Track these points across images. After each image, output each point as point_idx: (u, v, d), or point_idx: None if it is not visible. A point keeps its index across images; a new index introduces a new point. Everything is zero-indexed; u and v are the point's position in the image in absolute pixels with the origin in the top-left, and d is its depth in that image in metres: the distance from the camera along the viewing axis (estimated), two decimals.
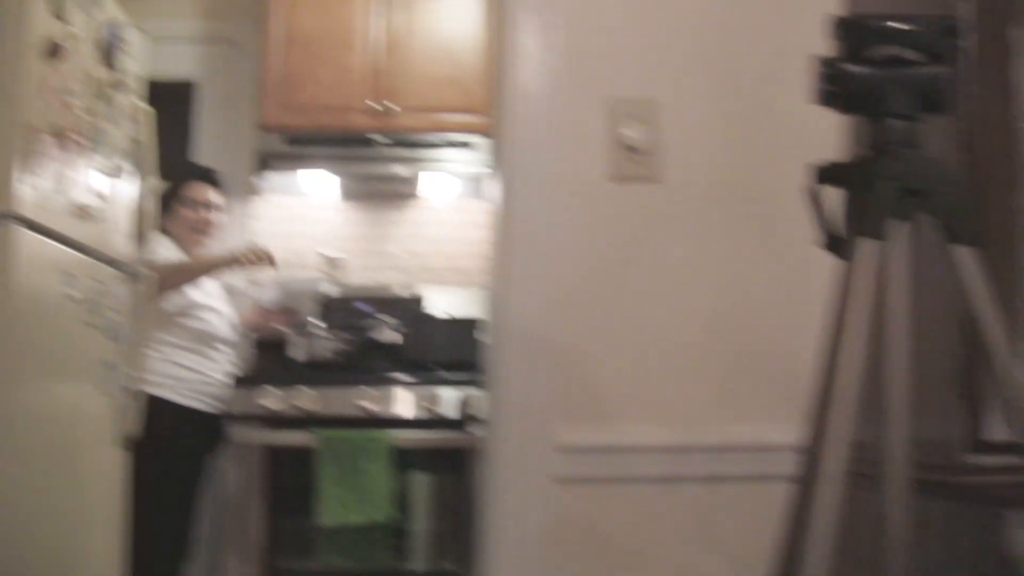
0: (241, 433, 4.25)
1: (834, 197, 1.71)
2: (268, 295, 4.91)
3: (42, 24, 2.90)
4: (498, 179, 2.56)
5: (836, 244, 1.68)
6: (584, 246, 2.52)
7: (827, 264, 1.72)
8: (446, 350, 4.63)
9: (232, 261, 4.42)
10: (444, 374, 4.43)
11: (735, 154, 2.58)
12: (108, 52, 3.42)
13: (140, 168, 3.78)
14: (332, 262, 5.13)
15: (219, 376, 4.37)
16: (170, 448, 4.24)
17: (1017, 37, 2.25)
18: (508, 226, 2.47)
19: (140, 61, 3.83)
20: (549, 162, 2.48)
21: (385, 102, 4.84)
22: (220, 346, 4.50)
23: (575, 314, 2.50)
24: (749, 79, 2.60)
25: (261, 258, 4.44)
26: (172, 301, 4.32)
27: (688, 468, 2.51)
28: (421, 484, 4.40)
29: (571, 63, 2.53)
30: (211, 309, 4.49)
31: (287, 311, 4.96)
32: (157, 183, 3.88)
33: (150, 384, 4.17)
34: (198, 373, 4.34)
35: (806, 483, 1.65)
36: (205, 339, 4.44)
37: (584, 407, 2.50)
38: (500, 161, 2.54)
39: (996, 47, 2.21)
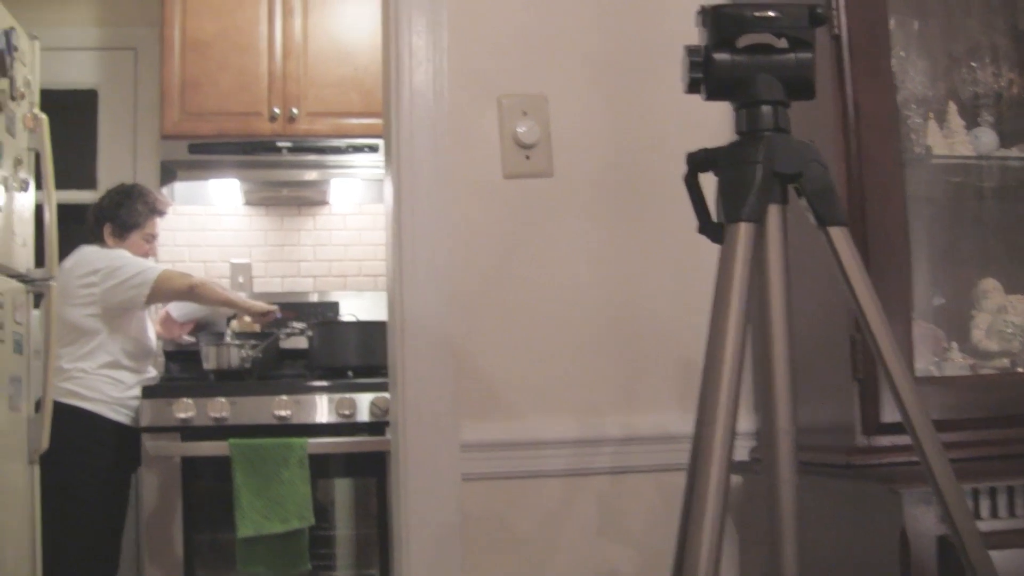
0: (156, 445, 4.21)
1: (711, 184, 1.73)
2: (178, 308, 4.88)
3: None
4: (390, 179, 2.57)
5: (713, 229, 1.70)
6: (479, 243, 2.52)
7: (714, 251, 1.74)
8: (357, 354, 4.63)
9: (248, 310, 4.59)
10: (356, 379, 4.42)
11: (622, 146, 2.59)
12: (1, 61, 3.38)
13: (39, 178, 3.75)
14: (240, 269, 5.11)
15: (139, 389, 4.35)
16: (96, 462, 4.22)
17: (890, 25, 2.30)
18: (401, 226, 2.47)
19: (35, 69, 3.80)
20: (441, 161, 2.49)
21: (287, 107, 4.83)
22: (152, 360, 4.52)
23: (473, 311, 2.50)
24: (631, 70, 2.62)
25: (268, 317, 4.66)
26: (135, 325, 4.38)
27: (592, 461, 2.52)
28: (340, 490, 4.40)
29: (460, 62, 2.53)
30: (147, 322, 4.52)
31: (196, 323, 4.94)
32: (57, 193, 3.85)
33: (82, 399, 4.17)
34: (131, 388, 4.33)
35: (694, 471, 1.66)
36: (146, 355, 4.46)
37: (486, 404, 2.50)
38: (391, 161, 2.54)
39: (871, 34, 2.25)
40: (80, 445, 4.14)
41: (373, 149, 4.83)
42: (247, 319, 4.74)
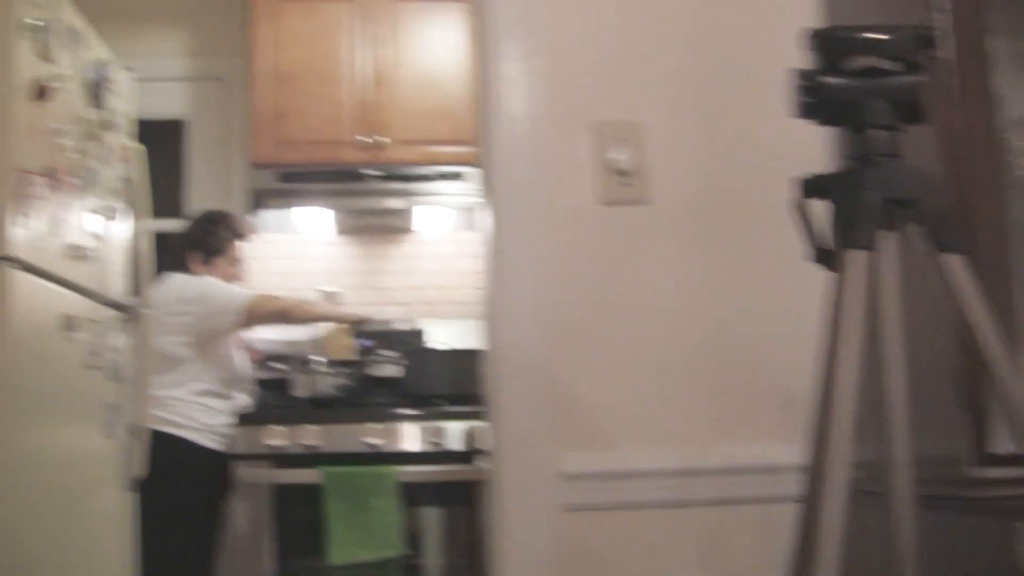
0: (248, 472, 4.23)
1: (821, 210, 1.70)
2: (265, 342, 4.90)
3: (29, 66, 2.91)
4: (487, 208, 2.56)
5: (825, 257, 1.68)
6: (575, 270, 2.50)
7: (820, 278, 1.71)
8: (448, 382, 4.62)
9: (344, 319, 4.62)
10: (447, 407, 4.41)
11: (720, 172, 2.57)
12: (96, 92, 3.43)
13: (133, 207, 3.78)
14: (329, 298, 5.12)
15: (231, 416, 4.37)
16: (190, 489, 4.25)
17: (994, 47, 2.25)
18: (499, 254, 2.46)
19: (128, 100, 3.84)
20: (537, 188, 2.48)
21: (375, 136, 4.85)
22: (243, 386, 4.54)
23: (570, 339, 2.48)
24: (730, 96, 2.59)
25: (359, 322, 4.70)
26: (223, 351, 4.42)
27: (693, 492, 2.48)
28: (430, 518, 4.38)
29: (555, 88, 2.53)
30: (237, 349, 4.55)
31: (280, 358, 4.95)
32: (151, 222, 3.88)
33: (175, 426, 4.21)
34: (223, 415, 4.35)
35: (810, 502, 1.63)
36: (236, 381, 4.48)
37: (585, 433, 2.47)
38: (488, 190, 2.53)
39: (974, 56, 2.21)
40: (173, 472, 4.15)
41: (461, 177, 4.83)
42: (340, 341, 4.74)
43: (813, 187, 1.70)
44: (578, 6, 2.59)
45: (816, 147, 2.38)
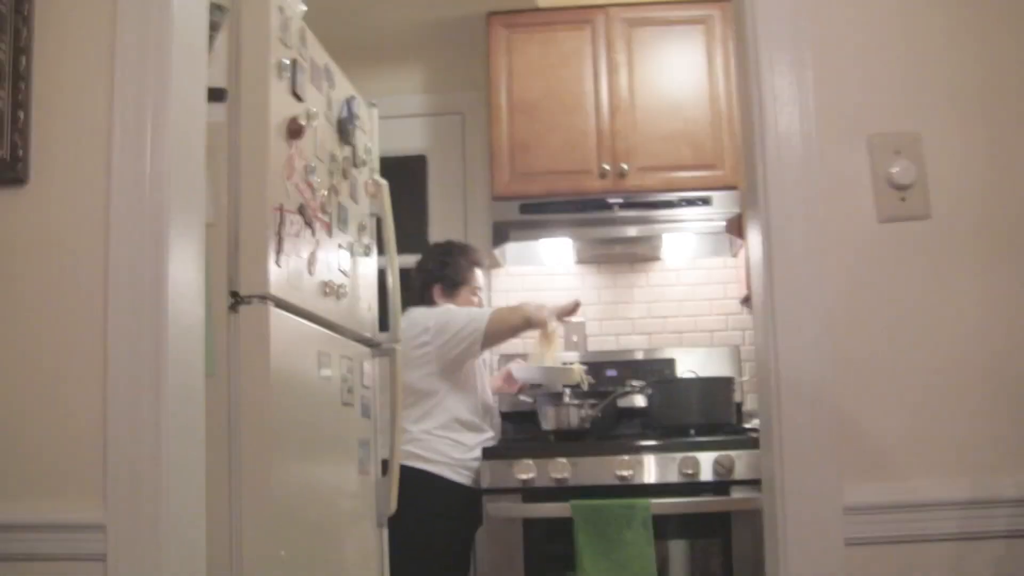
0: (497, 507, 4.19)
1: None
2: (521, 370, 4.88)
3: (282, 104, 2.93)
4: (754, 227, 2.45)
5: None
6: (854, 291, 2.38)
7: None
8: (697, 412, 4.51)
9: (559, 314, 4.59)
10: (699, 437, 4.31)
11: (1005, 184, 2.41)
12: (344, 129, 3.44)
13: (380, 243, 3.80)
14: (574, 329, 5.07)
15: (479, 450, 4.35)
16: (440, 523, 4.28)
17: None
18: (770, 275, 2.36)
19: (374, 136, 3.86)
20: (810, 206, 2.36)
21: (617, 163, 4.80)
22: (490, 418, 4.54)
23: (848, 362, 2.36)
24: (1014, 103, 2.43)
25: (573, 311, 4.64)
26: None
27: (986, 524, 2.33)
28: (681, 551, 4.28)
29: (827, 101, 2.41)
30: (485, 380, 4.55)
31: (530, 384, 4.91)
32: (397, 257, 3.89)
33: (425, 461, 4.22)
34: (472, 450, 4.35)
35: None
36: (484, 413, 4.48)
37: (870, 463, 2.35)
38: (755, 210, 2.43)
39: None
40: (424, 507, 4.17)
41: (706, 202, 4.75)
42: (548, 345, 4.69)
43: None
44: (850, 15, 2.47)
45: None
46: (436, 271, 4.64)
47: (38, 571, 2.33)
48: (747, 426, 4.54)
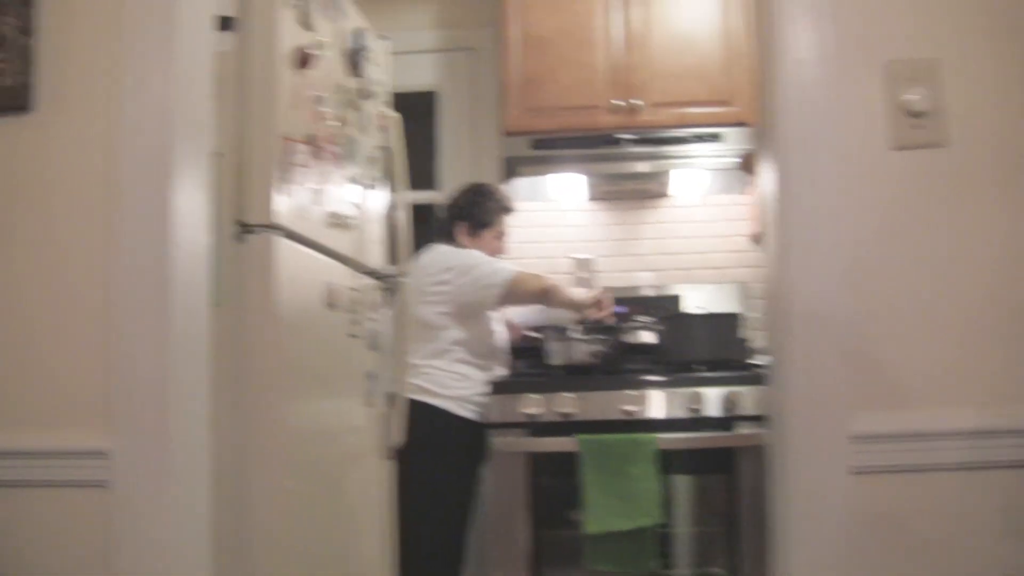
0: (504, 441, 4.21)
1: None
2: (520, 316, 4.89)
3: (291, 34, 2.92)
4: (769, 157, 2.44)
5: None
6: (867, 220, 2.38)
7: None
8: (706, 348, 4.51)
9: (587, 307, 4.51)
10: (706, 373, 4.31)
11: None
12: (355, 61, 3.43)
13: (391, 177, 3.79)
14: (583, 265, 5.06)
15: (487, 386, 4.37)
16: (446, 457, 4.30)
17: None
18: (785, 205, 2.36)
19: (385, 69, 3.84)
20: (825, 135, 2.36)
21: (629, 99, 4.77)
22: (500, 358, 4.54)
23: (860, 293, 2.37)
24: None
25: (606, 309, 4.53)
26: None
27: (993, 454, 2.34)
28: (686, 487, 4.30)
29: (843, 27, 2.40)
30: (497, 323, 4.54)
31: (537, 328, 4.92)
32: (407, 193, 3.88)
33: (431, 395, 4.23)
34: (480, 385, 4.36)
35: None
36: (493, 354, 4.48)
37: (878, 392, 2.36)
38: (770, 140, 2.42)
39: None
40: (430, 440, 4.18)
41: (717, 138, 4.71)
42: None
43: None
44: None
45: None
46: (465, 210, 4.62)
47: (39, 497, 2.35)
48: (753, 362, 4.54)
